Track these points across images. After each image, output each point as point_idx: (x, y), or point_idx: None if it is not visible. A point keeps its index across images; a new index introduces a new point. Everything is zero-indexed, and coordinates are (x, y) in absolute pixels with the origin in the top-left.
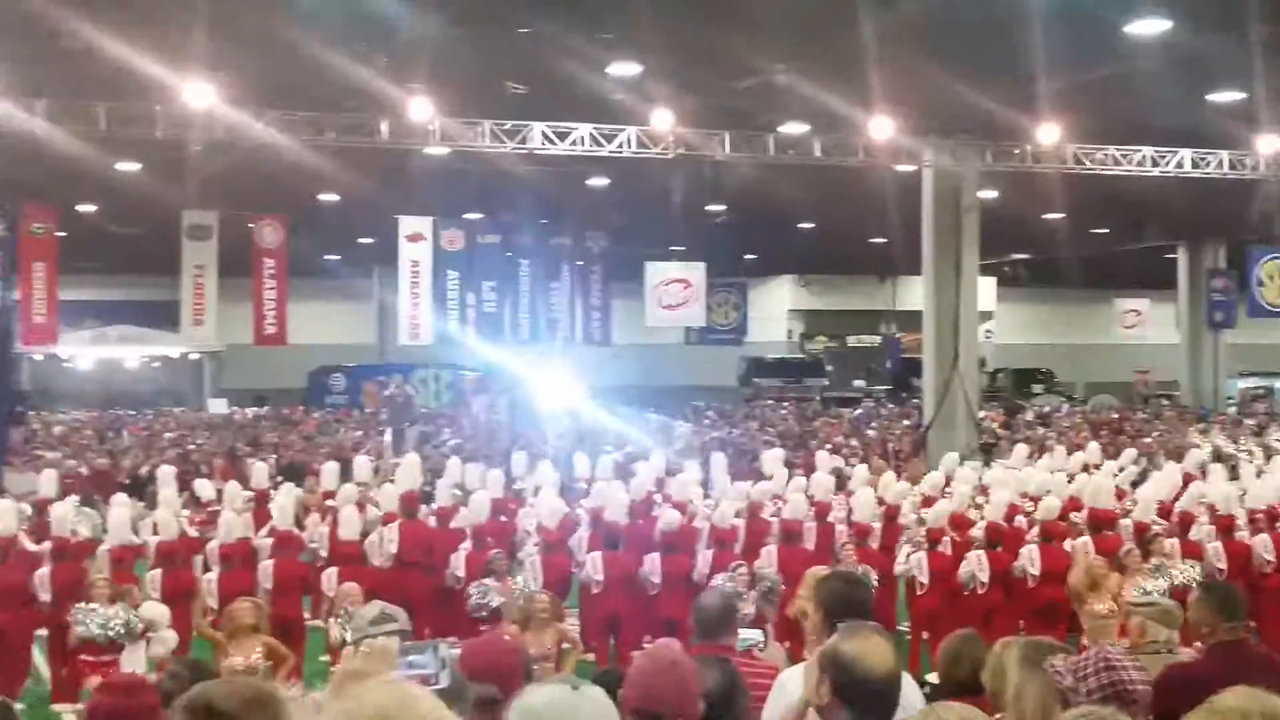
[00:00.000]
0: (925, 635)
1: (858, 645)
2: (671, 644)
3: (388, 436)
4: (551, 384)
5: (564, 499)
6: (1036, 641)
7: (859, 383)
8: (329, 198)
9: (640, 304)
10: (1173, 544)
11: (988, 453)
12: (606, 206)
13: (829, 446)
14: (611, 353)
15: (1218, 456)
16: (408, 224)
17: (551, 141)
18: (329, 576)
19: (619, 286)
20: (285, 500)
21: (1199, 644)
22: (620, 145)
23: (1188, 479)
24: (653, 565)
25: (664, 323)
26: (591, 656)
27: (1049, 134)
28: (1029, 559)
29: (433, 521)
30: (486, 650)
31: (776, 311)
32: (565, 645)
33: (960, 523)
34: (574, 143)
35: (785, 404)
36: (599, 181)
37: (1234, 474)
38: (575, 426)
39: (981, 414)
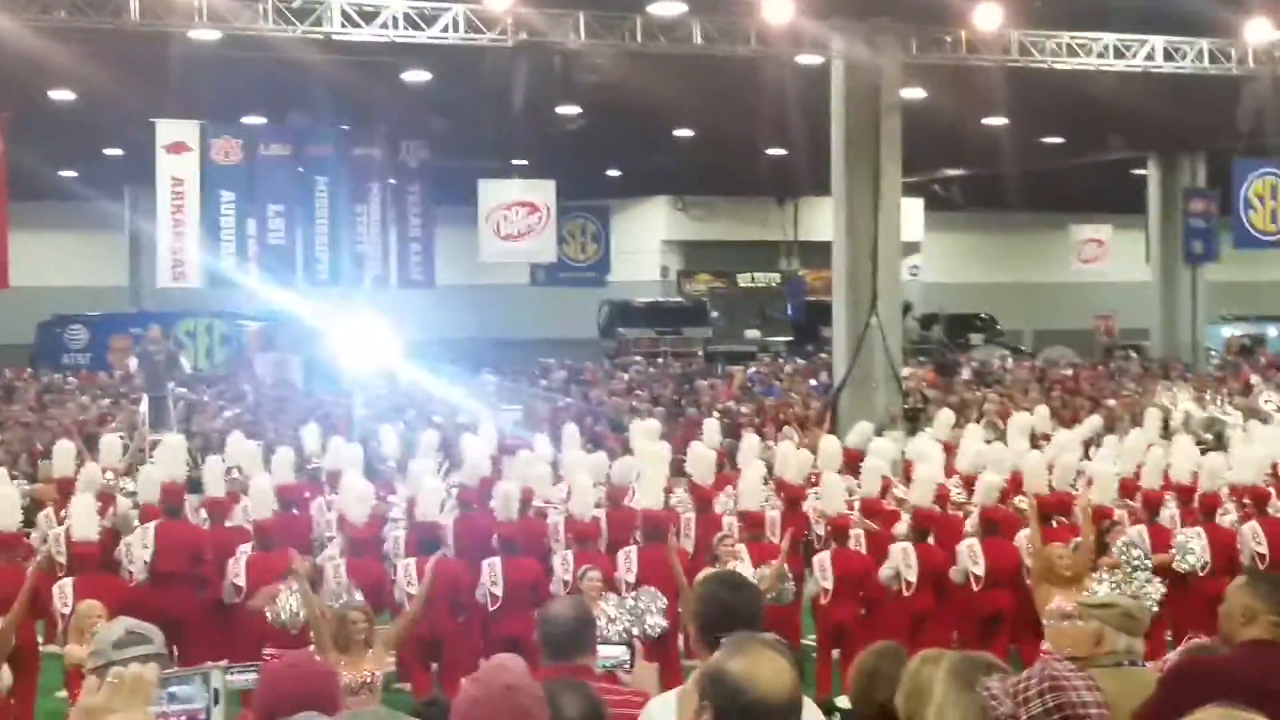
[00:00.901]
0: (836, 652)
1: (745, 663)
2: (508, 663)
3: (143, 406)
4: (358, 337)
5: (374, 485)
6: (969, 657)
7: (752, 333)
8: (62, 96)
9: (473, 234)
10: (1139, 532)
11: (914, 419)
12: (427, 108)
13: (716, 414)
14: (436, 296)
15: (1188, 422)
16: (167, 130)
17: (354, 23)
18: (61, 590)
19: (445, 212)
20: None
21: (1218, 639)
22: (444, 29)
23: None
24: (494, 572)
25: (503, 258)
26: (408, 686)
27: (988, 17)
28: (970, 556)
29: (203, 517)
30: (295, 675)
31: (647, 243)
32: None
33: (876, 509)
34: (383, 25)
35: (660, 360)
36: (417, 76)
37: (1219, 444)
38: (389, 392)
39: (907, 371)
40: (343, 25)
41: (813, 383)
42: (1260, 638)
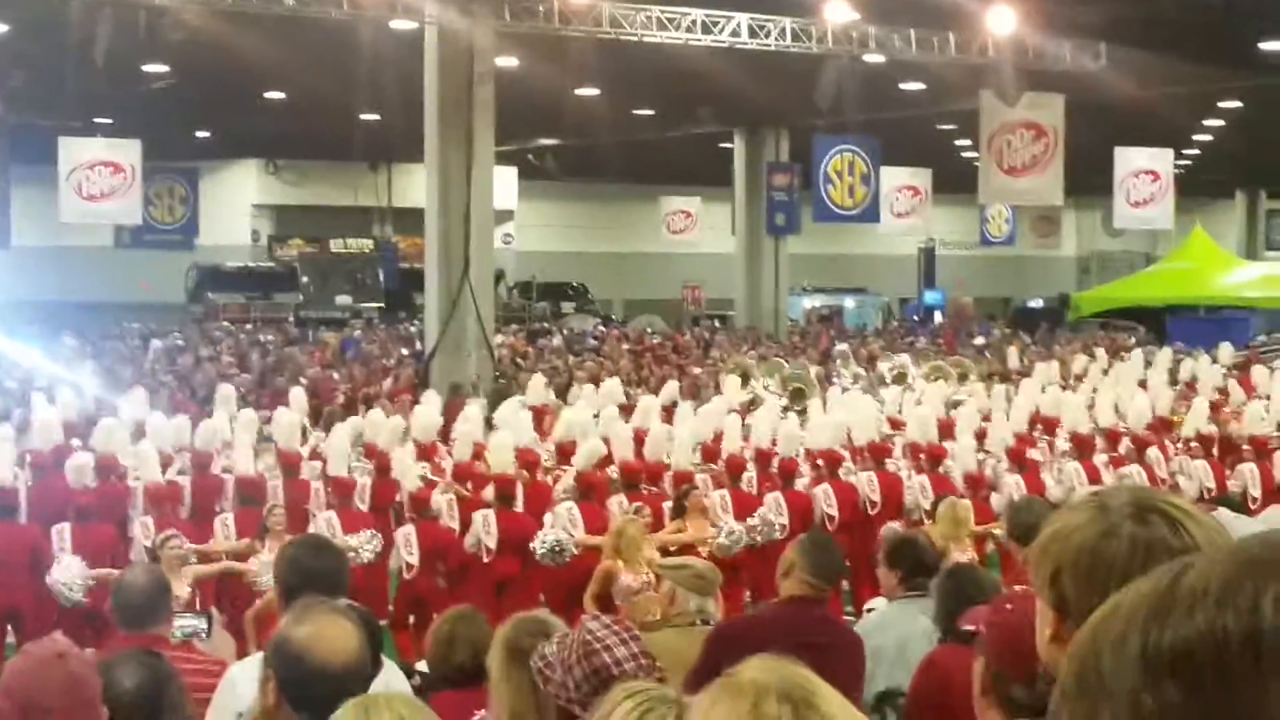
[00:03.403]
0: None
1: (307, 630)
2: (57, 637)
3: None
4: None
5: None
6: (522, 623)
7: (344, 299)
8: None
9: (53, 193)
10: (722, 496)
11: (504, 387)
12: (4, 62)
13: (303, 381)
14: (13, 257)
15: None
16: None
17: None
18: None
19: (22, 170)
20: None
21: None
22: None
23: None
24: (61, 538)
25: (86, 219)
26: None
27: None
28: (568, 518)
29: None
30: None
31: (238, 206)
32: None
33: (467, 475)
34: None
35: (249, 325)
36: None
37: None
38: None
39: (499, 339)
40: None
41: (404, 351)
42: (794, 594)
